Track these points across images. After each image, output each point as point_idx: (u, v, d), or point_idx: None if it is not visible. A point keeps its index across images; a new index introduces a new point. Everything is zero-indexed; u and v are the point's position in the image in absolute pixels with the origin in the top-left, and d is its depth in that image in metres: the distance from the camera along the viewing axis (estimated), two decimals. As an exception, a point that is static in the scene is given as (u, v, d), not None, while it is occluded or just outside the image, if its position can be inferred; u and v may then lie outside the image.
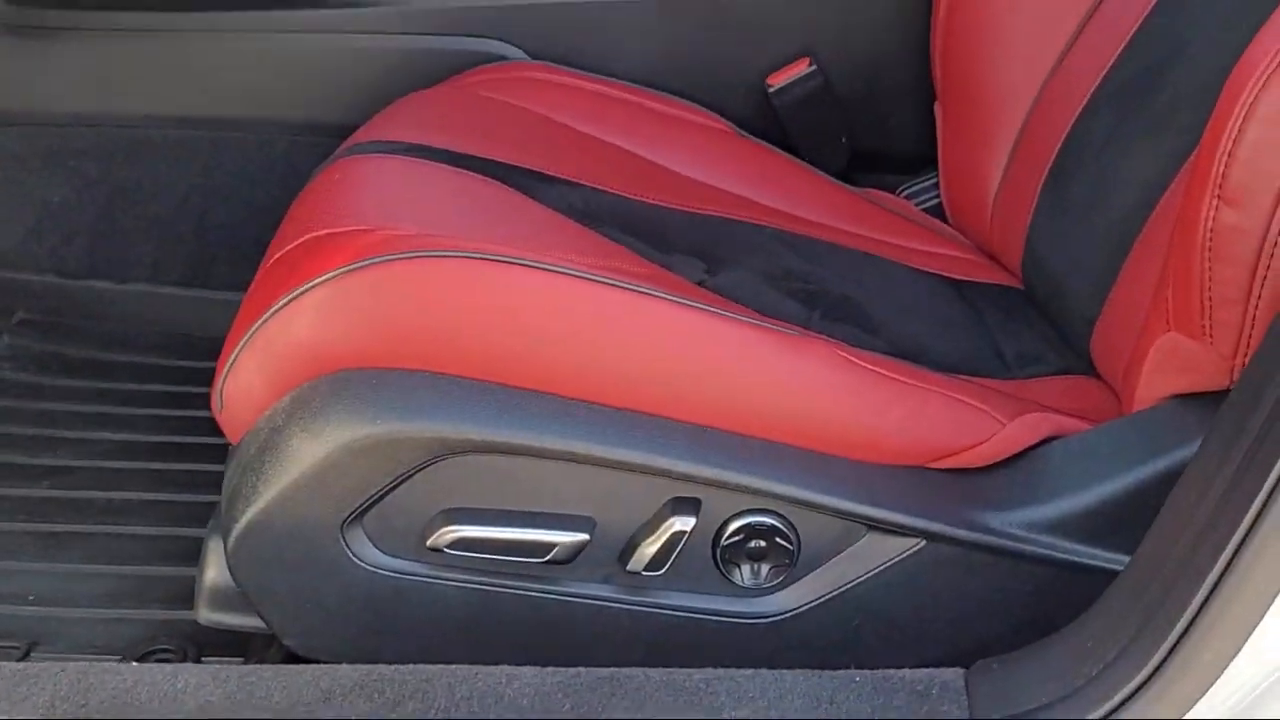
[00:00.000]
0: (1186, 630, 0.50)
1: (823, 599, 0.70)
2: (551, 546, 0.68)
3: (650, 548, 0.68)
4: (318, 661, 0.68)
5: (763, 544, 0.69)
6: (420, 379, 0.68)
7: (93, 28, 1.16)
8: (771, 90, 1.12)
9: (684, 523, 0.67)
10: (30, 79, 1.17)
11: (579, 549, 0.68)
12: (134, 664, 0.77)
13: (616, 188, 0.94)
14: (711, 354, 0.71)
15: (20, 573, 0.91)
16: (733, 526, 0.68)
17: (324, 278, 0.68)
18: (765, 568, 0.69)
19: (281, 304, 0.68)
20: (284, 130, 1.18)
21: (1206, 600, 0.49)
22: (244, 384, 0.70)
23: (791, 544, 0.69)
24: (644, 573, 0.69)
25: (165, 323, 1.23)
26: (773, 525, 0.68)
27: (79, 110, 1.18)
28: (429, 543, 0.68)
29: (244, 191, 1.21)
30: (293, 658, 0.73)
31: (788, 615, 0.70)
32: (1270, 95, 0.58)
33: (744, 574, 0.69)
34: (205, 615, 0.75)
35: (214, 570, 0.73)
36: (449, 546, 0.68)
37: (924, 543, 0.69)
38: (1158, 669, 0.51)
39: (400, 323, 0.69)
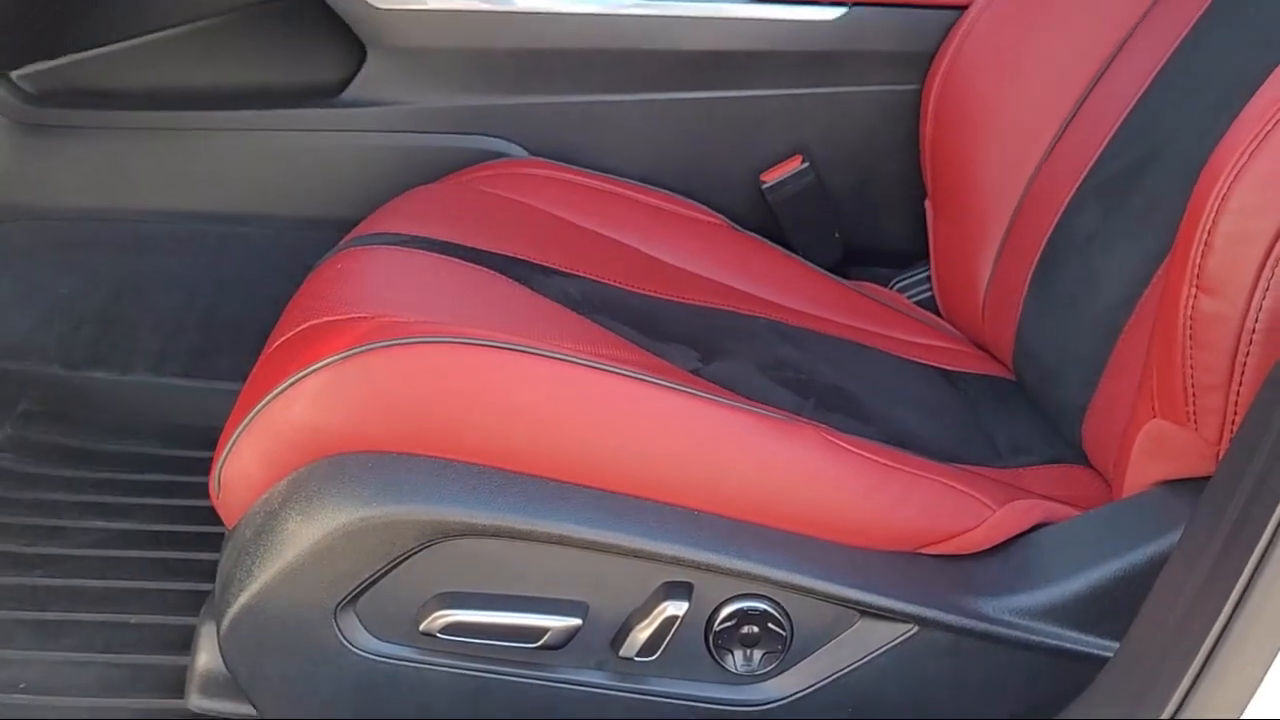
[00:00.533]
0: (1175, 714, 0.50)
1: (816, 686, 0.69)
2: (544, 631, 0.68)
3: (643, 633, 0.68)
4: (308, 749, 0.68)
5: (755, 629, 0.69)
6: (416, 463, 0.69)
7: (106, 126, 1.20)
8: (765, 186, 1.15)
9: (677, 607, 0.68)
10: (44, 174, 1.20)
11: (572, 634, 0.68)
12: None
13: (613, 279, 0.96)
14: (703, 438, 0.72)
15: (13, 661, 0.91)
16: (725, 611, 0.68)
17: (323, 363, 0.69)
18: (758, 654, 0.69)
19: (281, 389, 0.70)
20: (289, 225, 1.21)
21: (1194, 682, 0.49)
22: (242, 467, 0.71)
23: (784, 630, 0.69)
24: (637, 658, 0.69)
25: (166, 413, 1.24)
26: (765, 610, 0.68)
27: (90, 205, 1.21)
28: (422, 627, 0.68)
29: (249, 284, 1.23)
30: (283, 745, 0.72)
31: (781, 703, 0.70)
32: (1241, 188, 0.60)
33: (737, 660, 0.69)
34: (196, 702, 0.75)
35: (206, 655, 0.73)
36: (442, 631, 0.68)
37: (916, 629, 0.69)
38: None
39: (398, 407, 0.70)
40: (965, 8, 1.06)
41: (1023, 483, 0.83)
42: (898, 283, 1.15)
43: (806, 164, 1.15)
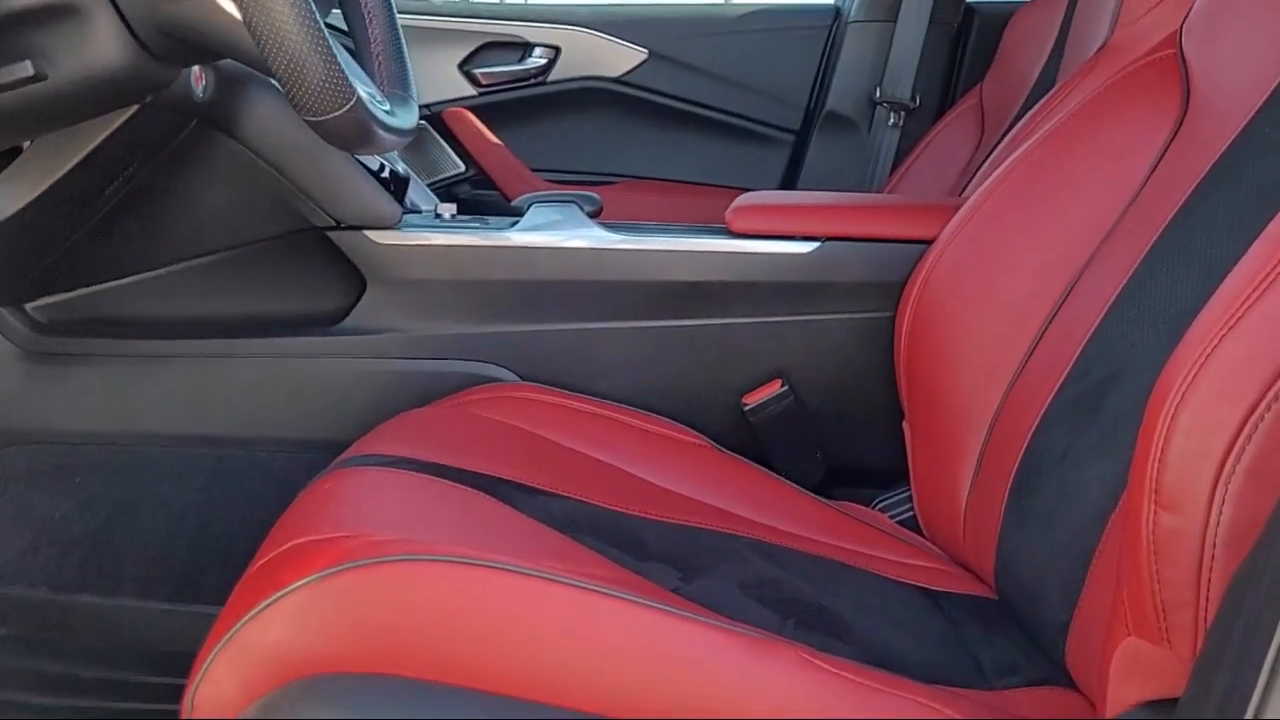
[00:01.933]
0: None
1: None
2: None
3: None
4: None
5: None
6: (391, 684, 0.68)
7: (111, 353, 1.24)
8: (747, 409, 1.19)
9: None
10: (47, 400, 1.23)
11: None
12: None
13: (597, 499, 0.97)
14: (682, 656, 0.72)
15: None
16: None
17: (301, 583, 0.70)
18: None
19: (258, 609, 0.70)
20: (283, 448, 1.23)
21: None
22: (215, 689, 0.70)
23: None
24: None
25: (148, 638, 1.23)
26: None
27: (90, 429, 1.24)
28: None
29: (240, 507, 1.24)
30: None
31: None
32: (1189, 406, 0.62)
33: None
34: None
35: None
36: None
37: None
38: None
39: (376, 627, 0.70)
40: (930, 241, 1.12)
41: (1009, 705, 0.82)
42: (880, 503, 1.16)
43: (786, 387, 1.19)
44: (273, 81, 1.06)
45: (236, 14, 0.67)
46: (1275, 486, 0.59)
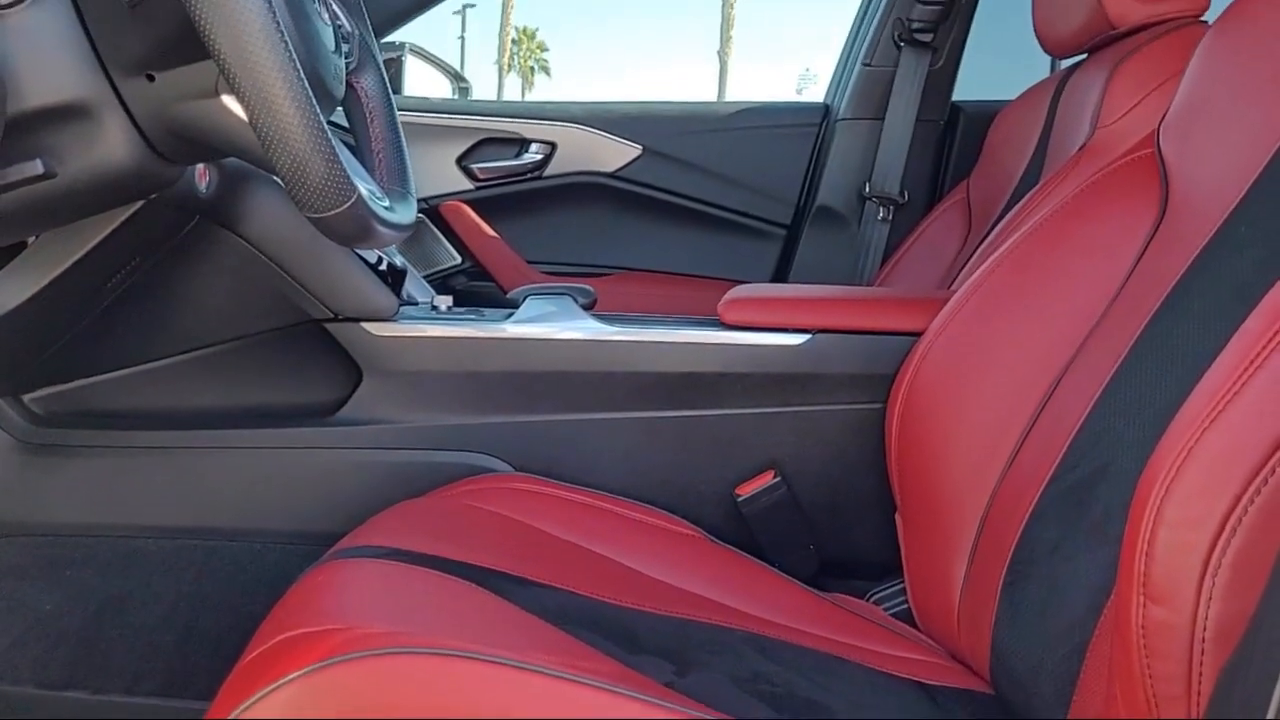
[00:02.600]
0: None
1: None
2: None
3: None
4: None
5: None
6: (380, 781, 0.68)
7: (107, 445, 1.24)
8: (740, 500, 1.19)
9: None
10: (41, 492, 1.24)
11: None
12: None
13: (590, 591, 0.97)
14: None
15: None
16: None
17: (292, 676, 0.69)
18: None
19: (248, 703, 0.69)
20: (276, 539, 1.23)
21: None
22: (203, 786, 0.70)
23: None
24: None
25: (135, 735, 1.22)
26: None
27: (82, 521, 1.24)
28: None
29: (232, 600, 1.23)
30: None
31: None
32: (1173, 500, 0.63)
33: None
34: None
35: None
36: None
37: None
38: None
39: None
40: (920, 334, 1.14)
41: (1006, 802, 0.81)
42: (874, 595, 1.16)
43: (779, 478, 1.19)
44: (275, 178, 1.09)
45: (243, 115, 0.69)
46: (1261, 580, 0.59)
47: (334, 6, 0.97)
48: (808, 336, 1.20)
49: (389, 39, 2.19)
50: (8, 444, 1.22)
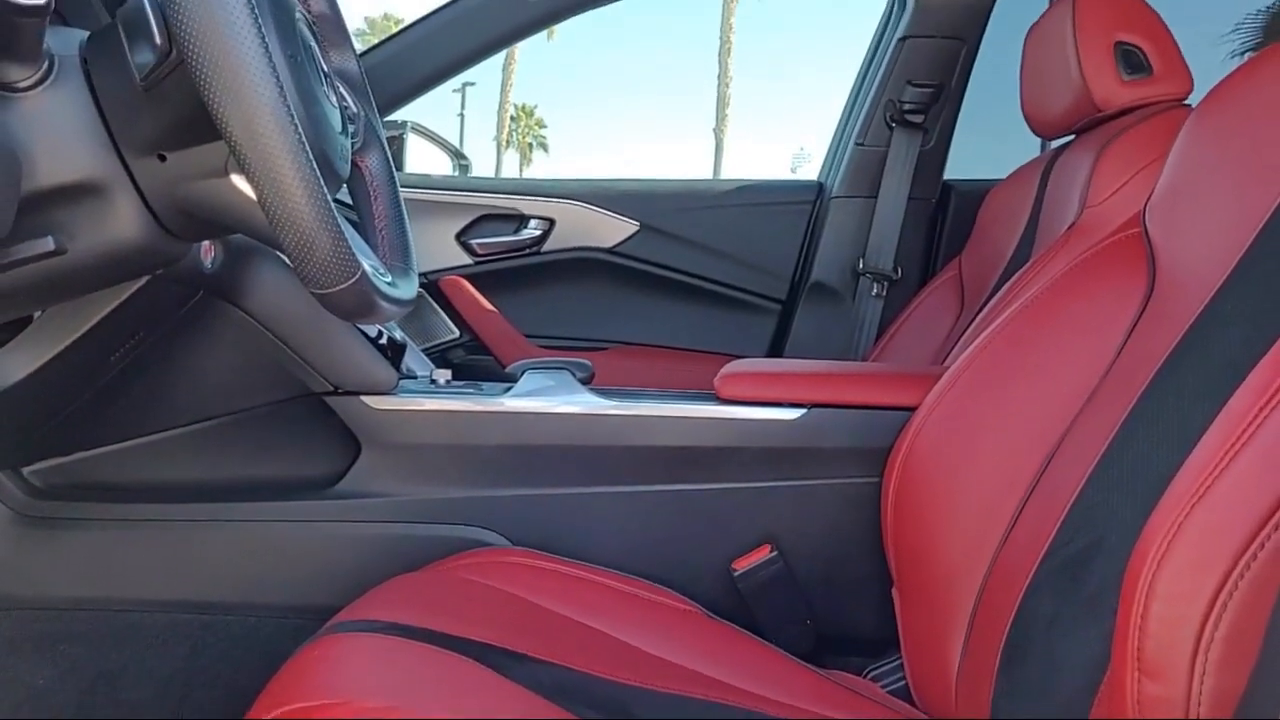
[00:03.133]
0: None
1: None
2: None
3: None
4: None
5: None
6: None
7: (104, 518, 1.24)
8: (736, 574, 1.19)
9: None
10: (37, 566, 1.23)
11: None
12: None
13: (586, 666, 0.97)
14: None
15: None
16: None
17: (289, 751, 0.69)
18: None
19: (245, 779, 0.69)
20: (272, 613, 1.23)
21: None
22: None
23: None
24: None
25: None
26: None
27: (78, 595, 1.23)
28: None
29: (226, 675, 1.22)
30: None
31: None
32: (1165, 575, 0.64)
33: None
34: None
35: None
36: None
37: None
38: None
39: (360, 799, 0.70)
40: (914, 409, 1.15)
41: None
42: (871, 671, 1.15)
43: (775, 553, 1.20)
44: (279, 254, 1.11)
45: (251, 194, 0.71)
46: (1253, 654, 0.60)
47: (341, 90, 1.00)
48: (803, 411, 1.21)
49: (391, 117, 2.23)
50: (6, 517, 1.22)
